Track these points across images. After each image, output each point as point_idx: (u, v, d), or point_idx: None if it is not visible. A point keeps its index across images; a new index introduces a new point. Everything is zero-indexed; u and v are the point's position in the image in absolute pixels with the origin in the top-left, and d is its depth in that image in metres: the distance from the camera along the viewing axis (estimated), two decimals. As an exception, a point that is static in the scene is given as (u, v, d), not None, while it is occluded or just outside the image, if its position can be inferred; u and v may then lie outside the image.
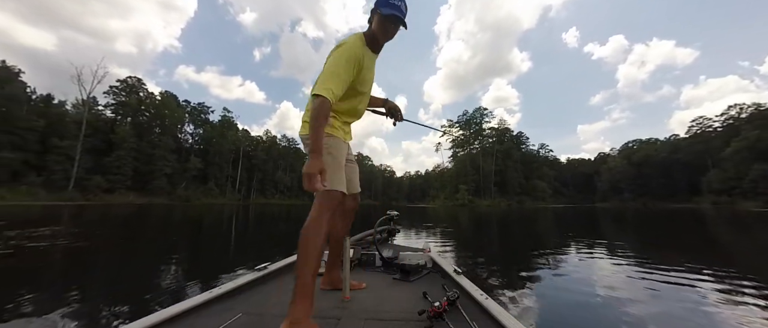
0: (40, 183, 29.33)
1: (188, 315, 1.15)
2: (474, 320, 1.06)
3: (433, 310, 1.09)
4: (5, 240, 5.24)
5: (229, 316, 1.15)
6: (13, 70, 32.56)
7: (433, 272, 1.83)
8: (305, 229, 1.18)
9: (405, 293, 1.47)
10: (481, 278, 3.31)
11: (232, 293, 1.38)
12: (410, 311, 1.20)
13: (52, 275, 3.38)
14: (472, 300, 1.27)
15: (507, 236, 8.01)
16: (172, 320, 1.08)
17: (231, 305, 1.29)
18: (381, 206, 43.27)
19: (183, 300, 1.21)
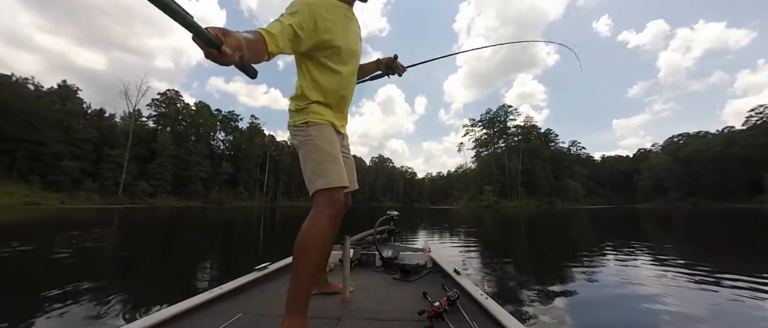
0: (95, 189, 32.64)
1: (188, 315, 1.15)
2: (474, 320, 1.06)
3: (433, 310, 1.09)
4: (69, 240, 5.87)
5: (229, 316, 1.15)
6: (72, 89, 36.66)
7: (433, 272, 1.82)
8: (301, 236, 1.02)
9: (405, 293, 1.46)
10: (510, 285, 3.15)
11: (232, 293, 1.38)
12: (410, 311, 1.19)
13: (104, 269, 3.71)
14: (472, 300, 1.26)
15: (535, 239, 7.59)
16: (172, 320, 1.08)
17: (231, 305, 1.28)
18: (403, 208, 43.05)
19: (183, 300, 1.21)
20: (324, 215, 1.06)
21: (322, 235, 1.04)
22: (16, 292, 2.74)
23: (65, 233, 7.18)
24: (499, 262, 4.42)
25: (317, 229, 1.03)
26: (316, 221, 1.05)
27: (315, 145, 1.13)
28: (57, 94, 34.65)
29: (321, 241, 1.04)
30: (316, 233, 1.03)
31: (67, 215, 14.66)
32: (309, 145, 1.14)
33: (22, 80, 32.58)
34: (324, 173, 1.09)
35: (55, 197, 27.98)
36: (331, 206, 1.08)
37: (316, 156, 1.12)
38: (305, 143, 1.15)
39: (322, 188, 1.08)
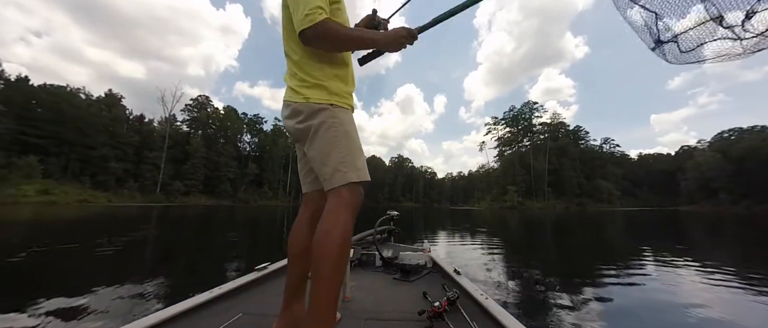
0: (136, 188, 35.43)
1: (188, 315, 1.15)
2: (474, 320, 1.05)
3: (433, 310, 1.08)
4: (117, 235, 6.41)
5: (229, 316, 1.15)
6: (116, 97, 40.05)
7: (433, 272, 1.81)
8: (328, 237, 0.88)
9: (405, 293, 1.46)
10: (535, 294, 2.98)
11: (232, 293, 1.38)
12: (410, 311, 1.18)
13: (149, 260, 3.99)
14: (472, 300, 1.25)
15: (562, 243, 7.17)
16: (172, 320, 1.08)
17: (231, 305, 1.28)
18: (423, 209, 42.58)
19: (183, 300, 1.21)
20: (351, 211, 0.95)
21: (350, 233, 0.93)
22: (79, 278, 3.03)
23: (114, 229, 7.84)
24: (524, 266, 4.21)
25: (347, 227, 0.91)
26: (345, 217, 0.92)
27: (346, 132, 1.00)
28: (104, 102, 38.02)
29: (349, 240, 0.92)
30: (346, 231, 0.90)
31: (113, 212, 16.02)
32: (337, 131, 0.99)
33: (75, 90, 36.11)
34: (356, 164, 0.98)
35: (103, 196, 30.72)
36: (357, 200, 0.99)
37: (347, 144, 0.99)
38: (332, 127, 0.98)
39: (353, 180, 0.96)
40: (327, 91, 1.01)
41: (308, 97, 1.00)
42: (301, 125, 1.02)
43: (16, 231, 7.02)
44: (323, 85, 1.01)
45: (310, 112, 1.00)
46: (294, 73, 1.04)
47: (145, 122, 43.12)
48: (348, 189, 0.96)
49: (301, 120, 1.02)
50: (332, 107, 1.00)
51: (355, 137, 1.03)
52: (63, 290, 2.59)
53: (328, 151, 0.98)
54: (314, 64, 1.02)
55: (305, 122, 1.01)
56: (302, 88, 1.01)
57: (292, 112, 1.04)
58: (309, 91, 1.01)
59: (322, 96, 1.00)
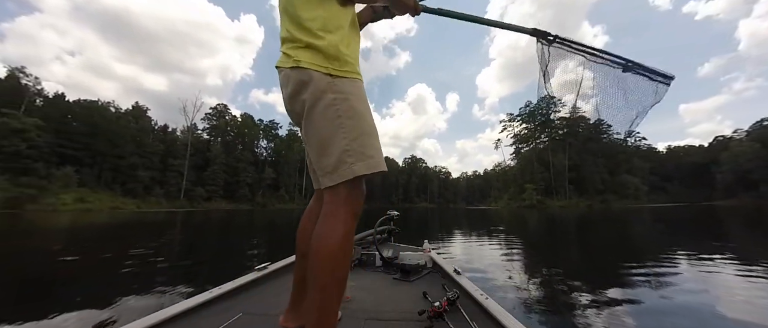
0: (162, 194, 37.22)
1: (188, 315, 1.15)
2: (474, 320, 1.05)
3: (433, 310, 1.08)
4: (147, 239, 6.77)
5: (229, 316, 1.15)
6: (142, 109, 42.31)
7: (433, 272, 1.80)
8: (329, 243, 0.74)
9: (405, 293, 1.45)
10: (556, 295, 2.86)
11: (232, 293, 1.39)
12: (410, 311, 1.18)
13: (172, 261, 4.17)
14: (472, 300, 1.24)
15: (585, 242, 6.86)
16: (172, 320, 1.09)
17: (231, 305, 1.28)
18: (438, 210, 42.09)
19: (183, 300, 1.22)
20: (352, 212, 0.78)
21: (351, 239, 0.78)
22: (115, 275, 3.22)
23: (143, 233, 8.28)
24: (544, 266, 4.06)
25: (348, 231, 0.76)
26: (345, 221, 0.76)
27: (352, 109, 0.78)
28: (131, 114, 40.29)
29: (349, 247, 0.77)
30: (346, 236, 0.76)
31: (141, 217, 16.91)
32: (340, 108, 0.77)
33: (105, 104, 38.47)
34: (365, 152, 0.77)
35: (132, 202, 32.50)
36: (359, 199, 0.80)
37: (355, 125, 0.77)
38: (332, 104, 0.77)
39: (361, 173, 0.76)
40: (324, 55, 0.78)
41: (298, 61, 0.78)
42: (292, 101, 0.82)
43: (59, 237, 7.54)
44: (319, 44, 0.78)
45: (299, 83, 0.79)
46: (285, 29, 0.83)
47: (168, 132, 45.31)
48: (349, 186, 0.77)
49: (290, 94, 0.81)
50: (331, 77, 0.78)
51: (365, 114, 0.80)
52: (100, 287, 2.82)
53: (329, 137, 0.77)
54: (313, 12, 0.80)
55: (296, 97, 0.80)
56: (293, 48, 0.80)
57: (282, 83, 0.85)
58: (300, 53, 0.79)
59: (318, 60, 0.78)
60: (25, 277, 3.37)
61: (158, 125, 44.78)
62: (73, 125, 32.64)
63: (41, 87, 33.46)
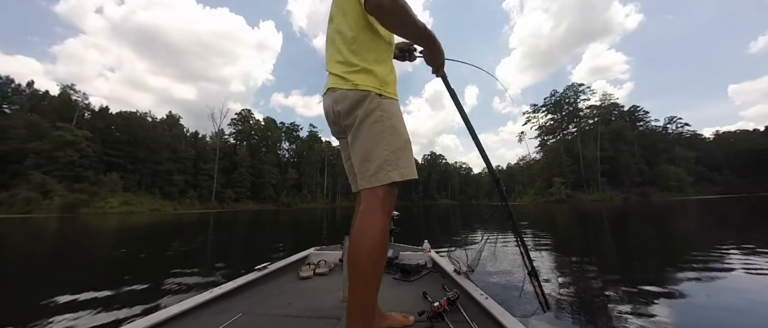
0: (195, 196, 39.67)
1: (188, 315, 1.15)
2: (474, 320, 1.04)
3: (433, 310, 1.08)
4: (185, 237, 7.24)
5: (229, 316, 1.15)
6: (175, 117, 45.28)
7: (433, 272, 1.79)
8: (371, 240, 0.85)
9: (405, 293, 1.45)
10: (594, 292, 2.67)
11: (232, 293, 1.39)
12: (410, 311, 1.17)
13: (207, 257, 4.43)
14: (472, 300, 1.24)
15: (619, 237, 6.38)
16: (172, 319, 1.09)
17: (231, 305, 1.28)
18: (460, 206, 41.29)
19: (183, 300, 1.22)
20: (387, 211, 0.91)
21: (387, 234, 0.89)
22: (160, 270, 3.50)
23: (182, 233, 8.87)
24: (570, 264, 3.82)
25: (385, 227, 0.87)
26: (382, 218, 0.88)
27: (393, 128, 0.94)
28: (166, 122, 43.24)
29: (386, 241, 0.89)
30: (383, 232, 0.87)
31: (178, 219, 18.13)
32: (384, 125, 0.92)
33: (143, 115, 41.57)
34: (401, 163, 0.92)
35: (170, 204, 34.96)
36: (393, 201, 0.94)
37: (394, 140, 0.93)
38: (379, 120, 0.92)
39: (396, 180, 0.90)
40: (376, 78, 0.95)
41: (356, 84, 0.93)
42: (346, 116, 0.96)
43: (109, 237, 8.26)
44: (373, 70, 0.95)
45: (355, 101, 0.93)
46: (341, 56, 0.98)
47: (199, 138, 48.13)
48: (386, 189, 0.91)
49: (346, 110, 0.95)
50: (380, 97, 0.94)
51: (402, 132, 0.97)
52: (146, 279, 3.10)
53: (373, 147, 0.92)
54: (367, 43, 0.96)
55: (350, 113, 0.95)
56: (350, 73, 0.95)
57: (335, 101, 0.98)
58: (357, 77, 0.94)
59: (371, 83, 0.94)
60: (99, 270, 3.84)
61: (189, 132, 47.74)
62: (116, 135, 35.64)
63: (88, 102, 36.86)
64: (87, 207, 26.75)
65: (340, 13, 1.00)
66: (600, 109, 50.86)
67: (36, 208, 24.23)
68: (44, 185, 25.79)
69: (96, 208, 27.32)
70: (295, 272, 1.78)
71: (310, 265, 1.86)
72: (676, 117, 57.97)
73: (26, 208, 24.00)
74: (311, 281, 1.67)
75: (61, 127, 28.97)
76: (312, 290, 1.52)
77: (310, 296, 1.44)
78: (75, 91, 36.06)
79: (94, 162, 30.88)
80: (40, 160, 27.05)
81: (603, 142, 46.84)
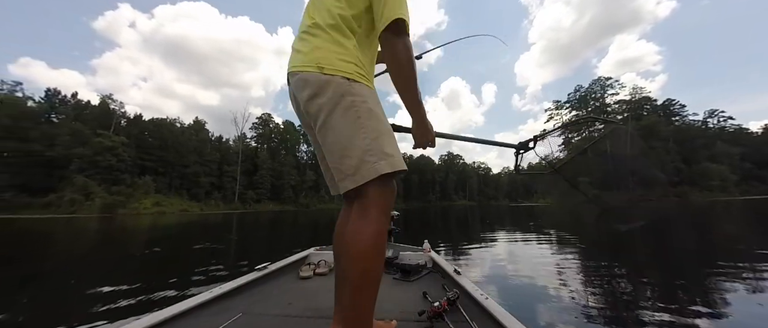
0: (220, 197, 41.46)
1: (188, 315, 1.15)
2: (474, 320, 1.04)
3: (433, 310, 1.08)
4: (211, 235, 7.57)
5: (229, 316, 1.15)
6: (201, 123, 47.59)
7: (433, 272, 1.79)
8: (355, 249, 0.75)
9: (405, 293, 1.45)
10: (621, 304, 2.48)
11: (232, 293, 1.38)
12: (410, 311, 1.17)
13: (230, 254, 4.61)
14: (472, 300, 1.23)
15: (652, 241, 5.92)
16: (172, 319, 1.08)
17: (231, 305, 1.28)
18: (479, 207, 40.32)
19: (183, 300, 1.22)
20: (383, 211, 0.78)
21: (383, 238, 0.78)
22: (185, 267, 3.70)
23: (211, 232, 9.30)
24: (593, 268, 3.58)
25: (380, 229, 0.76)
26: (376, 220, 0.76)
27: (370, 111, 0.79)
28: (193, 128, 45.57)
29: (382, 245, 0.77)
30: (378, 234, 0.76)
31: (204, 219, 19.02)
32: (359, 109, 0.78)
33: (172, 121, 44.10)
34: (386, 151, 0.78)
35: (197, 205, 36.76)
36: (390, 197, 0.81)
37: (374, 125, 0.79)
38: (352, 106, 0.77)
39: (385, 171, 0.76)
40: (348, 59, 0.80)
41: (321, 65, 0.78)
42: (308, 105, 0.81)
43: (146, 236, 8.80)
44: (347, 49, 0.80)
45: (320, 85, 0.78)
46: (311, 33, 0.83)
47: (223, 142, 50.34)
48: (377, 185, 0.77)
49: (310, 96, 0.80)
50: (349, 81, 0.78)
51: (382, 117, 0.83)
52: (180, 273, 3.42)
53: (350, 138, 0.77)
54: (339, 26, 0.81)
55: (313, 101, 0.79)
56: (314, 51, 0.80)
57: (296, 87, 0.83)
58: (322, 55, 0.79)
59: (339, 63, 0.78)
60: (143, 264, 4.36)
61: (214, 136, 50.04)
62: (149, 141, 38.02)
63: (124, 110, 39.63)
64: (123, 208, 28.70)
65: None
66: (630, 103, 47.98)
67: (79, 209, 26.31)
68: (86, 187, 27.96)
69: (131, 209, 29.26)
70: (295, 272, 1.79)
71: (310, 265, 1.87)
72: (718, 110, 53.33)
73: (71, 209, 26.11)
74: (311, 281, 1.68)
75: (101, 134, 31.33)
76: (312, 290, 1.51)
77: (310, 296, 1.43)
78: (112, 101, 38.93)
79: (129, 166, 33.08)
80: (83, 165, 29.39)
81: (634, 138, 43.97)
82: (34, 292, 3.04)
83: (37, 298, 2.83)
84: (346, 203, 1.03)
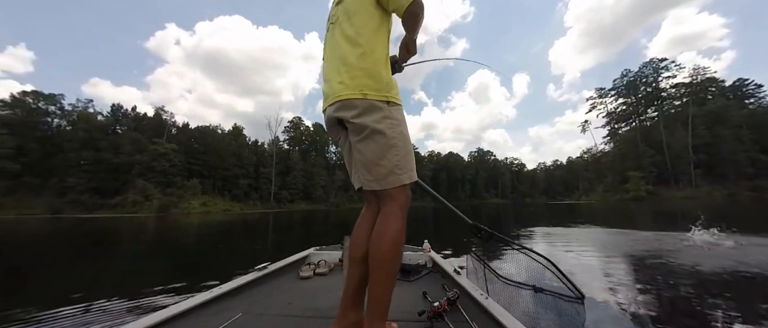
0: (257, 198, 44.16)
1: (188, 315, 1.15)
2: (474, 320, 1.05)
3: (433, 310, 1.09)
4: (254, 232, 8.07)
5: (229, 316, 1.15)
6: (239, 129, 51.05)
7: (433, 272, 1.79)
8: (391, 240, 0.93)
9: (405, 293, 1.44)
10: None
11: (232, 293, 1.39)
12: (410, 311, 1.17)
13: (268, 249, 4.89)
14: (472, 300, 1.23)
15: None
16: (172, 319, 1.09)
17: (231, 305, 1.28)
18: (512, 205, 38.23)
19: (183, 300, 1.22)
20: (404, 213, 0.99)
21: (403, 236, 0.97)
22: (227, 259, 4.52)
23: (254, 229, 9.95)
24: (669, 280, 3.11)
25: (401, 229, 0.96)
26: (400, 220, 0.97)
27: (402, 134, 1.00)
28: (231, 134, 49.10)
29: (402, 243, 0.97)
30: (400, 233, 0.95)
31: (245, 218, 20.38)
32: (395, 132, 0.98)
33: (214, 128, 47.89)
34: (409, 166, 1.00)
35: (238, 205, 39.52)
36: (408, 201, 1.02)
37: (404, 146, 1.00)
38: (391, 128, 0.98)
39: (408, 182, 0.99)
40: (382, 83, 0.99)
41: (365, 93, 0.96)
42: (354, 122, 0.98)
43: (194, 232, 9.63)
44: (379, 74, 0.99)
45: (365, 109, 0.96)
46: (347, 62, 1.00)
47: (258, 145, 53.56)
48: (401, 191, 0.98)
49: (355, 115, 0.98)
50: (388, 106, 0.98)
51: (408, 138, 1.03)
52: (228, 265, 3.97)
53: (385, 153, 0.97)
54: (375, 47, 1.00)
55: (359, 119, 0.97)
56: (358, 78, 0.98)
57: (341, 109, 1.00)
58: (365, 83, 0.97)
59: (379, 88, 0.98)
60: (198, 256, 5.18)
61: (250, 141, 53.40)
62: (195, 146, 41.68)
63: (174, 120, 43.89)
64: (176, 208, 31.77)
65: (345, 17, 1.03)
66: (690, 86, 42.26)
67: (140, 209, 29.65)
68: (145, 190, 31.41)
69: (182, 208, 32.28)
70: (295, 272, 1.79)
71: (310, 265, 1.86)
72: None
73: (133, 209, 29.52)
74: (311, 281, 1.67)
75: (155, 142, 34.99)
76: (312, 290, 1.51)
77: (310, 296, 1.42)
78: (164, 112, 43.30)
79: (179, 170, 36.54)
80: (142, 170, 33.05)
81: (696, 126, 38.64)
82: (122, 266, 4.48)
83: (127, 271, 4.13)
84: (366, 205, 1.15)
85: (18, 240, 8.32)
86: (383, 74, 0.99)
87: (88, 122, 34.50)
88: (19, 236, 9.31)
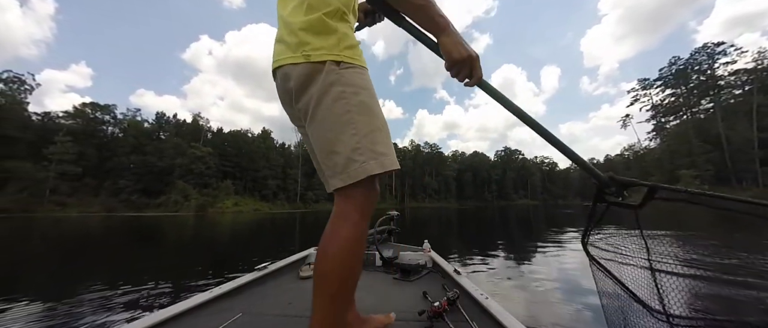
0: (285, 198, 45.99)
1: (188, 315, 1.15)
2: (474, 320, 1.06)
3: (433, 310, 1.09)
4: (281, 229, 8.40)
5: (229, 316, 1.14)
6: (268, 132, 53.42)
7: (433, 271, 1.79)
8: (332, 254, 0.71)
9: (405, 293, 1.44)
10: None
11: (232, 293, 1.38)
12: (410, 311, 1.17)
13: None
14: (473, 300, 1.23)
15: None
16: (172, 319, 1.08)
17: (231, 305, 1.27)
18: (543, 207, 36.14)
19: (183, 300, 1.22)
20: (364, 214, 0.74)
21: (362, 244, 0.73)
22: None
23: (278, 227, 10.37)
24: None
25: (359, 235, 0.72)
26: (359, 225, 0.72)
27: (362, 104, 0.73)
28: (260, 137, 51.56)
29: (360, 252, 0.73)
30: (357, 240, 0.72)
31: (273, 217, 21.29)
32: (350, 102, 0.71)
33: (244, 132, 50.62)
34: (378, 148, 0.72)
35: (266, 205, 41.44)
36: (372, 200, 0.76)
37: (365, 120, 0.73)
38: (341, 97, 0.71)
39: (375, 172, 0.71)
40: (333, 39, 0.72)
41: (307, 54, 0.70)
42: (298, 97, 0.74)
43: (226, 230, 10.22)
44: (329, 27, 0.72)
45: (307, 76, 0.71)
46: (289, 12, 0.75)
47: (285, 148, 55.73)
48: (363, 186, 0.72)
49: (297, 89, 0.73)
50: (339, 67, 0.71)
51: (376, 110, 0.76)
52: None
53: (338, 133, 0.71)
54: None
55: (303, 92, 0.73)
56: (298, 34, 0.72)
57: (283, 78, 0.76)
58: (309, 40, 0.71)
59: (326, 46, 0.71)
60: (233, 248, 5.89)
61: (278, 143, 55.71)
62: (227, 150, 44.38)
63: (210, 125, 47.05)
64: (211, 207, 34.04)
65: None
66: (755, 72, 37.13)
67: (180, 208, 32.13)
68: (185, 190, 33.98)
69: (217, 208, 34.51)
70: (295, 272, 1.78)
71: (310, 265, 1.86)
72: None
73: (174, 208, 32.06)
74: (311, 281, 1.61)
75: (193, 146, 37.76)
76: (312, 290, 1.46)
77: (309, 295, 1.38)
78: (201, 118, 46.57)
79: (214, 172, 39.10)
80: (182, 172, 35.82)
81: (762, 117, 33.87)
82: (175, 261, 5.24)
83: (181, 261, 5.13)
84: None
85: (91, 234, 10.00)
86: (333, 26, 0.72)
87: (136, 129, 38.10)
88: (91, 231, 11.21)
